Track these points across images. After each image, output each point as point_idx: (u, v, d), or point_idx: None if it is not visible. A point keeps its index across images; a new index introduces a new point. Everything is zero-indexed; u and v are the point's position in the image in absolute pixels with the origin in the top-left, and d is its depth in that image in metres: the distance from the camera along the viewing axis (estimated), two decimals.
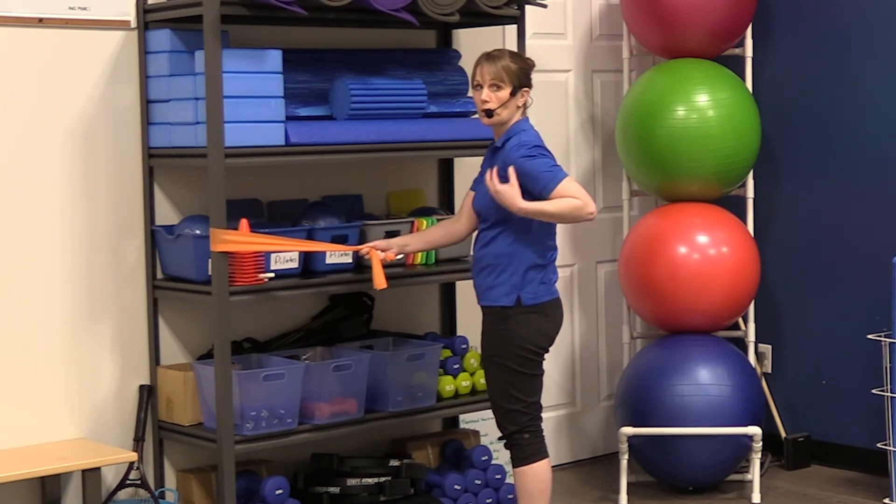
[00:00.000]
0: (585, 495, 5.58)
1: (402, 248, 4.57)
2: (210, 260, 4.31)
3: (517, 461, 4.36)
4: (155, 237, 4.60)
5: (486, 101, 4.29)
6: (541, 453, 4.36)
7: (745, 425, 5.35)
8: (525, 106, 4.35)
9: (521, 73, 4.30)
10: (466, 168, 5.27)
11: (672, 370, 5.42)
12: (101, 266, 4.54)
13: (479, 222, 4.42)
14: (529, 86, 4.34)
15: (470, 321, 5.27)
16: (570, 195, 4.19)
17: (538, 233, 4.29)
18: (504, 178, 4.24)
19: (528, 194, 4.23)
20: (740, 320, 5.91)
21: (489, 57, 4.32)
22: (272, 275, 4.43)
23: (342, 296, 5.02)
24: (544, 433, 4.40)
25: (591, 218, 4.25)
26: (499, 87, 4.27)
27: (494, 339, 4.32)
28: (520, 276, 4.27)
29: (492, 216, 4.32)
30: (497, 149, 4.34)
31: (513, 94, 4.28)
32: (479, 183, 4.44)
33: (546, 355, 4.37)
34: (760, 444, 5.39)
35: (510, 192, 4.19)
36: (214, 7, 4.20)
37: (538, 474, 4.35)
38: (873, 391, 5.39)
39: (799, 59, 5.97)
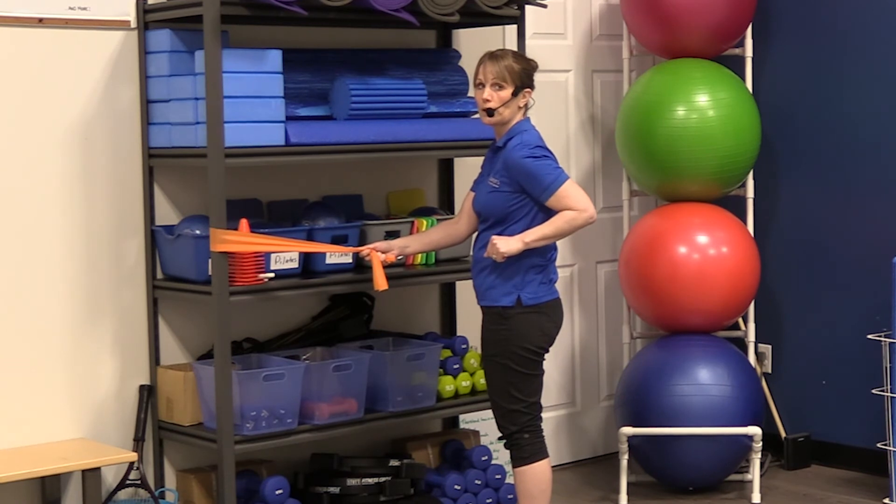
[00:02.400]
0: (585, 495, 5.58)
1: (403, 249, 4.57)
2: (210, 260, 4.31)
3: (517, 461, 4.36)
4: (155, 237, 4.60)
5: (487, 101, 4.29)
6: (541, 453, 4.36)
7: (745, 425, 5.35)
8: (527, 107, 4.36)
9: (523, 74, 4.30)
10: (466, 168, 5.27)
11: (672, 370, 5.42)
12: (101, 266, 4.54)
13: (479, 222, 4.42)
14: (532, 87, 4.34)
15: (470, 321, 5.26)
16: (570, 199, 4.20)
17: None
18: (505, 175, 4.24)
19: (526, 195, 4.24)
20: (740, 320, 5.91)
21: (492, 56, 4.32)
22: (272, 275, 4.43)
23: (342, 296, 5.02)
24: (544, 433, 4.40)
25: (591, 222, 4.27)
26: (501, 87, 4.28)
27: (495, 339, 4.32)
28: (520, 276, 4.28)
29: (492, 216, 4.32)
30: (499, 148, 4.34)
31: (514, 94, 4.28)
32: (478, 184, 4.44)
33: (546, 355, 4.37)
34: (760, 444, 5.39)
35: (505, 240, 4.21)
36: (214, 7, 4.20)
37: (538, 474, 4.35)
38: (873, 391, 5.39)
39: (799, 59, 5.97)
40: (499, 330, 4.30)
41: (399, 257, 4.61)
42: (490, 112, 4.28)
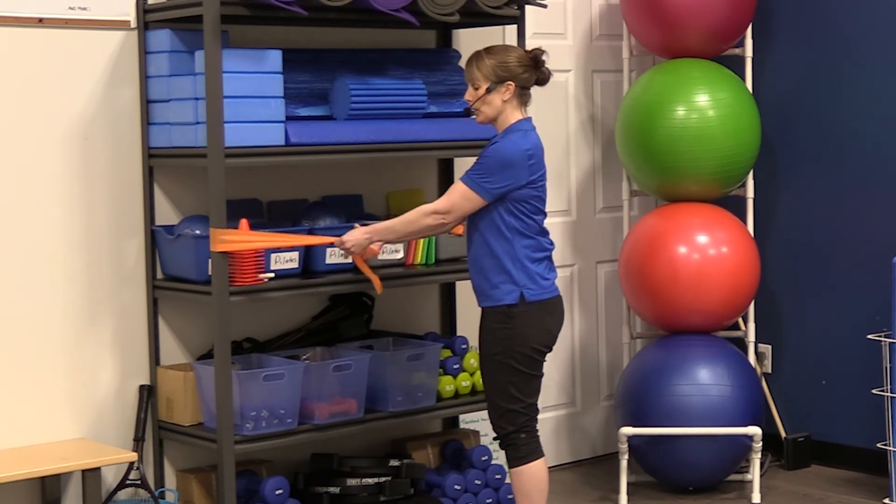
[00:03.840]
0: (585, 495, 5.58)
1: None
2: (210, 260, 4.31)
3: (514, 461, 4.35)
4: (155, 237, 4.60)
5: (468, 101, 4.32)
6: (537, 452, 4.35)
7: (745, 425, 5.35)
8: (520, 100, 4.30)
9: (498, 69, 4.25)
10: (466, 168, 5.25)
11: (672, 370, 5.41)
12: (101, 266, 4.54)
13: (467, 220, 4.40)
14: (514, 79, 4.25)
15: (470, 321, 5.26)
16: (448, 196, 4.28)
17: (525, 227, 4.25)
18: None
19: None
20: (740, 320, 5.91)
21: (470, 57, 4.33)
22: (272, 275, 4.43)
23: (342, 296, 5.02)
24: (543, 433, 4.40)
25: (433, 223, 4.30)
26: (476, 87, 4.28)
27: (498, 338, 4.30)
28: (518, 271, 4.25)
29: (475, 214, 4.30)
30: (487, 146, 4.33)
31: (489, 90, 4.26)
32: None
33: (548, 355, 4.36)
34: (760, 444, 5.39)
35: (351, 234, 4.35)
36: (214, 7, 4.20)
37: (536, 473, 4.34)
38: (873, 391, 5.39)
39: (799, 59, 5.97)
40: (502, 328, 4.28)
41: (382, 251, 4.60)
42: (468, 111, 4.31)
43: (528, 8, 5.06)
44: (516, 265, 4.26)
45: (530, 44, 5.22)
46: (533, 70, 4.30)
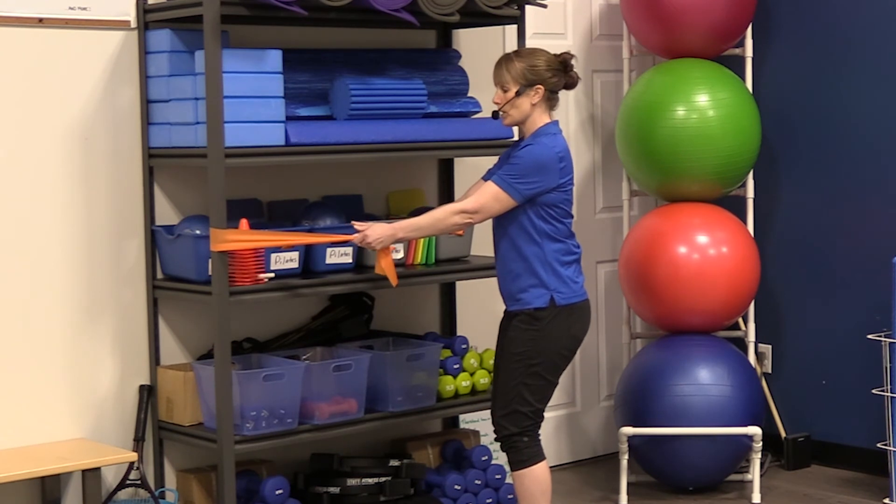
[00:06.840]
0: (585, 495, 5.58)
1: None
2: (210, 260, 4.31)
3: (516, 465, 4.34)
4: (155, 237, 4.60)
5: (496, 103, 4.30)
6: (539, 456, 4.35)
7: (745, 425, 5.35)
8: (545, 102, 4.30)
9: (527, 72, 4.26)
10: (466, 168, 5.27)
11: (672, 370, 5.42)
12: (101, 266, 4.54)
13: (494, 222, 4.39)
14: (543, 83, 4.27)
15: (470, 321, 5.27)
16: (479, 196, 4.24)
17: (555, 231, 4.26)
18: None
19: None
20: (740, 320, 5.91)
21: (500, 59, 4.32)
22: (272, 275, 4.43)
23: (342, 296, 5.02)
24: (543, 433, 4.39)
25: (460, 221, 4.28)
26: (506, 89, 4.27)
27: (523, 339, 4.27)
28: (549, 275, 4.25)
29: (503, 219, 4.29)
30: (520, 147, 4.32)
31: (518, 93, 4.26)
32: (490, 174, 4.40)
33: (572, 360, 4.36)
34: (760, 444, 5.39)
35: (375, 229, 4.30)
36: (214, 7, 4.20)
37: (539, 476, 4.33)
38: (873, 391, 5.39)
39: (799, 59, 5.97)
40: (529, 330, 4.26)
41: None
42: (496, 113, 4.29)
43: (528, 8, 5.06)
44: (546, 269, 4.25)
45: (529, 44, 5.23)
46: (562, 74, 4.32)
